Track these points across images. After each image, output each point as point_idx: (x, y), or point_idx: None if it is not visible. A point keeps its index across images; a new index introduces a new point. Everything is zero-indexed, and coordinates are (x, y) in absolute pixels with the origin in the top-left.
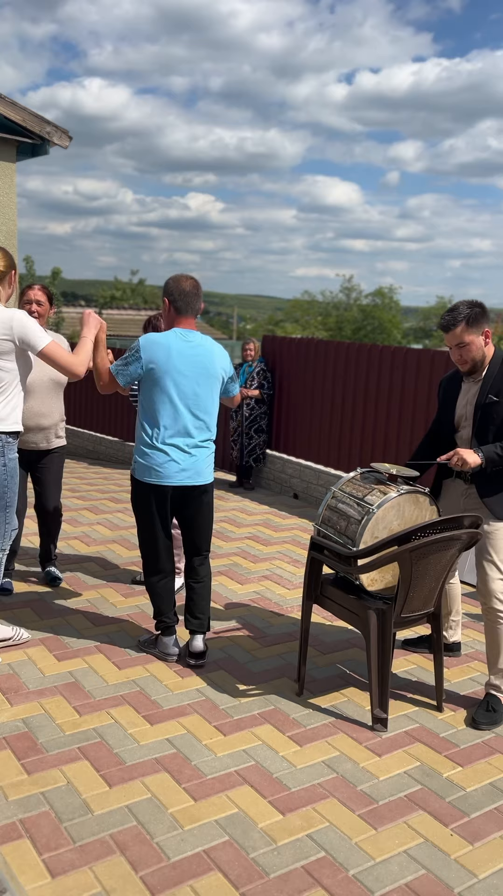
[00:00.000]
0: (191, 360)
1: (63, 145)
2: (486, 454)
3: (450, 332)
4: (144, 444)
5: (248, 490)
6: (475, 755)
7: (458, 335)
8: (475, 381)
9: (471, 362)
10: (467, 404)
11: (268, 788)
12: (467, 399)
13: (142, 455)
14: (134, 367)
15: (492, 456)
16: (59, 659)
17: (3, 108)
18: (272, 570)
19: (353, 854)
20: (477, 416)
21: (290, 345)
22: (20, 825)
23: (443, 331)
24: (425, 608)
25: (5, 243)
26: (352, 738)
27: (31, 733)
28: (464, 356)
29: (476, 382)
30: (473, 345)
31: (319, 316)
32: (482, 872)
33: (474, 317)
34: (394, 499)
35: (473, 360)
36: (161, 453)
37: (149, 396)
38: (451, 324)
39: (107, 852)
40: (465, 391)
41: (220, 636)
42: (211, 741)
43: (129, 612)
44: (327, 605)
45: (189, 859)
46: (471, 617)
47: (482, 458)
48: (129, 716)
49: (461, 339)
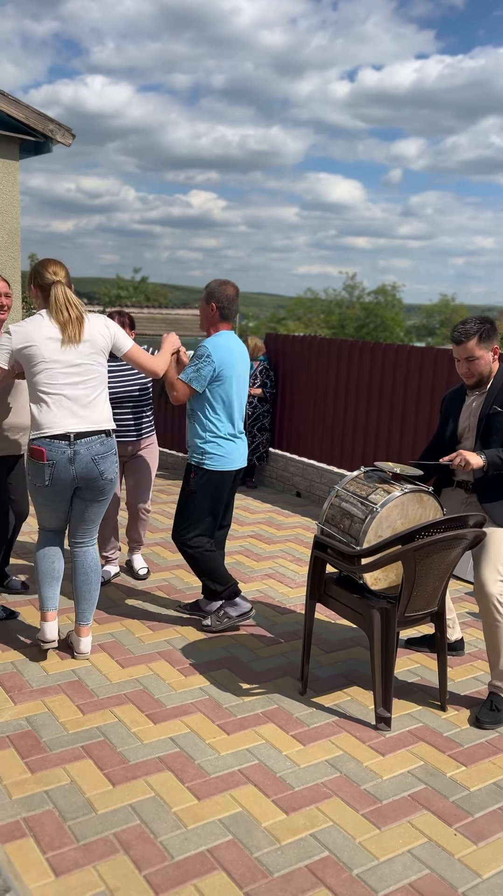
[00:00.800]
0: (241, 362)
1: (66, 143)
2: (489, 457)
3: (462, 346)
4: (217, 437)
5: (251, 488)
6: (479, 755)
7: (470, 349)
8: (479, 393)
9: (478, 376)
10: (470, 416)
11: (272, 787)
12: (470, 411)
13: (215, 447)
14: (207, 370)
15: (493, 459)
16: (61, 658)
17: (5, 105)
18: (275, 569)
19: (357, 854)
20: (480, 427)
21: (293, 343)
22: (24, 824)
23: (455, 343)
24: (429, 607)
25: (9, 241)
26: (356, 737)
27: (35, 732)
28: (472, 370)
29: (480, 395)
30: (482, 360)
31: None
32: (486, 872)
33: (486, 333)
34: (398, 498)
35: (480, 374)
36: (232, 442)
37: (216, 394)
38: (464, 337)
39: (110, 851)
40: (468, 404)
41: (223, 635)
42: (214, 740)
43: (132, 611)
44: (331, 603)
45: (192, 858)
46: (475, 616)
47: (484, 460)
48: (132, 714)
49: (472, 353)
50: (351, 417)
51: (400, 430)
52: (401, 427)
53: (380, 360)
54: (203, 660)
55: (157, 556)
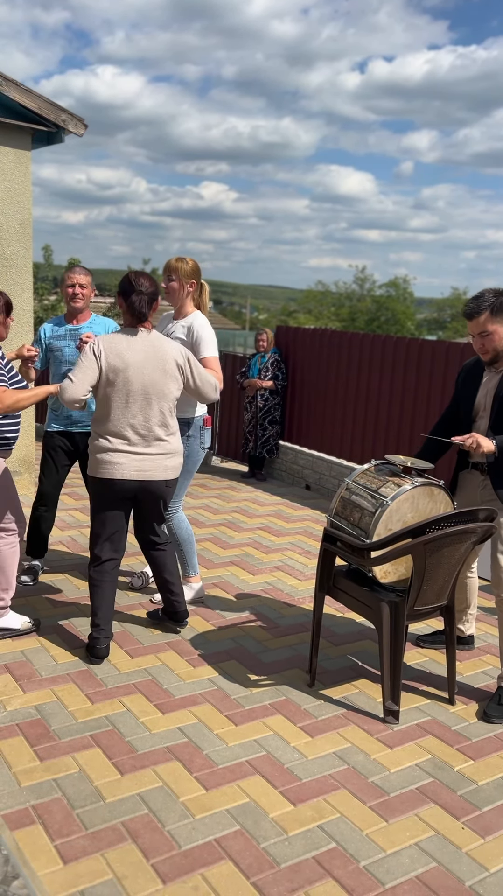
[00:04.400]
0: None
1: (78, 133)
2: (499, 442)
3: (474, 320)
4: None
5: (261, 481)
6: (487, 749)
7: (482, 323)
8: (496, 371)
9: (493, 352)
10: (487, 395)
11: (280, 779)
12: (487, 389)
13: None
14: None
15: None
16: (71, 647)
17: (18, 95)
18: (284, 561)
19: (364, 846)
20: (495, 407)
21: (304, 335)
22: (33, 811)
23: (467, 318)
24: (438, 601)
25: (20, 232)
26: (364, 729)
27: (44, 720)
28: (485, 345)
29: (497, 373)
30: (496, 334)
31: (332, 307)
32: (493, 866)
33: (499, 306)
34: (409, 491)
35: (495, 349)
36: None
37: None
38: (475, 311)
39: (118, 839)
40: (486, 382)
41: (231, 626)
42: (222, 731)
43: (142, 601)
44: (340, 596)
45: (200, 848)
46: (484, 610)
47: (495, 445)
48: (141, 704)
49: (484, 327)
50: (361, 411)
51: (410, 423)
52: (411, 420)
53: (390, 354)
54: (212, 651)
55: None
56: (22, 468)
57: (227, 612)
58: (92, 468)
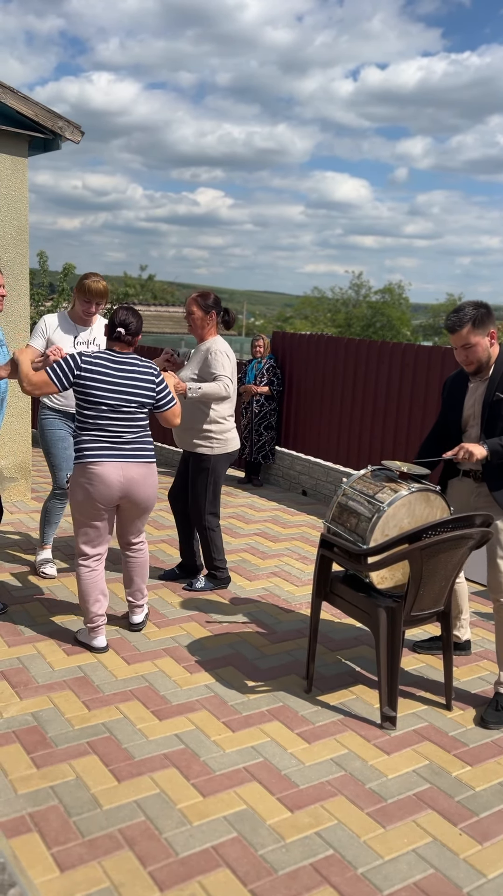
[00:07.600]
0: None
1: (75, 140)
2: (491, 446)
3: (457, 334)
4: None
5: (257, 486)
6: (484, 754)
7: (464, 336)
8: (482, 380)
9: (477, 363)
10: (475, 404)
11: (277, 785)
12: (474, 399)
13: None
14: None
15: (495, 447)
16: (68, 653)
17: (15, 102)
18: (281, 567)
19: (362, 852)
20: (485, 416)
21: (300, 341)
22: (29, 819)
23: (449, 332)
24: (435, 607)
25: (17, 238)
26: (361, 735)
27: (41, 727)
28: (469, 357)
29: (483, 381)
30: (479, 346)
31: (328, 312)
32: (491, 872)
33: (480, 318)
34: (405, 497)
35: (479, 360)
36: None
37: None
38: (457, 325)
39: (115, 847)
40: (472, 391)
41: (228, 632)
42: (219, 737)
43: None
44: (336, 602)
45: (197, 855)
46: (481, 616)
47: (487, 449)
48: (137, 711)
49: (467, 340)
50: (357, 416)
51: (406, 428)
52: (407, 426)
53: (386, 359)
54: (208, 657)
55: (163, 552)
56: (18, 474)
57: (224, 618)
58: None
